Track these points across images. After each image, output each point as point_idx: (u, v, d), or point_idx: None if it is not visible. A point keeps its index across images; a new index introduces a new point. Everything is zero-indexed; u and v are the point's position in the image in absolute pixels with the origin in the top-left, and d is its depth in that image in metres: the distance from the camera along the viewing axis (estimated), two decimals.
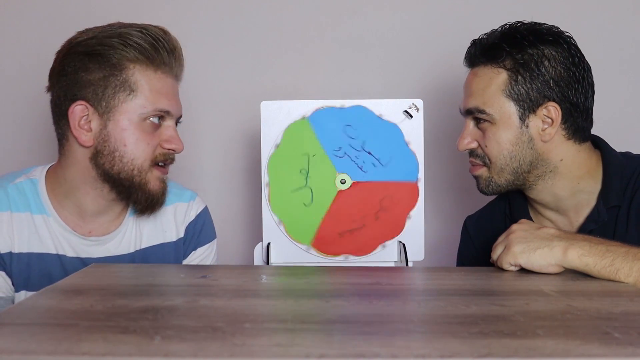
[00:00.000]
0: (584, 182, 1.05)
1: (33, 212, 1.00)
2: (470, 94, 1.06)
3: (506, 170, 1.04)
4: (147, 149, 0.98)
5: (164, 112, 0.99)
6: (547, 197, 1.07)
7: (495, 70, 1.03)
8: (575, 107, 1.02)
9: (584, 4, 1.48)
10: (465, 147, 1.07)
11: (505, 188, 1.07)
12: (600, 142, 1.08)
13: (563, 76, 1.01)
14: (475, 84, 1.05)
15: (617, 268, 0.83)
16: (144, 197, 1.00)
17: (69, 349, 0.52)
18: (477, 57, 1.06)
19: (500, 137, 1.03)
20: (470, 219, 1.23)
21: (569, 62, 1.01)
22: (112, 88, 0.96)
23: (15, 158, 1.46)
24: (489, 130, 1.04)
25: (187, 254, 1.13)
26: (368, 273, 0.90)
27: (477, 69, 1.06)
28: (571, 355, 0.52)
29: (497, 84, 1.02)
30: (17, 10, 1.48)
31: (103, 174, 0.98)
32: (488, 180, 1.06)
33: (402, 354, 0.51)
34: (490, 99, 1.03)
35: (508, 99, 1.02)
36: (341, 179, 1.03)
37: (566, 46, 1.02)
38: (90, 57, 0.95)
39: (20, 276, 1.00)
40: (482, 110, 1.03)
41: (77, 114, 0.96)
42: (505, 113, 1.02)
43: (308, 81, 1.49)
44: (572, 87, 1.01)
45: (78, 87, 0.96)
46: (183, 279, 0.86)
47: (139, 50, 0.96)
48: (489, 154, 1.04)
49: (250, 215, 1.51)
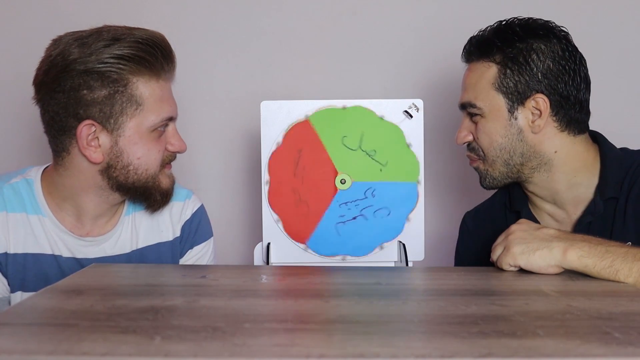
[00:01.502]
0: (580, 174, 1.06)
1: (29, 213, 1.00)
2: (465, 89, 1.09)
3: (498, 162, 1.07)
4: (158, 156, 1.00)
5: (169, 118, 1.00)
6: (545, 190, 1.08)
7: (486, 64, 1.06)
8: (566, 99, 1.04)
9: (585, 1, 1.48)
10: (462, 140, 1.10)
11: (501, 181, 1.09)
12: (599, 137, 1.10)
13: (552, 69, 1.03)
14: (469, 78, 1.09)
15: (617, 269, 0.83)
16: (159, 196, 1.02)
17: (69, 349, 0.52)
18: (472, 52, 1.09)
19: (490, 129, 1.06)
20: (469, 214, 1.24)
21: (558, 56, 1.03)
22: (119, 105, 0.95)
23: (15, 158, 1.47)
24: (480, 123, 1.07)
25: (183, 253, 1.13)
26: (368, 273, 0.90)
27: (471, 64, 1.09)
28: (571, 355, 0.52)
29: (487, 78, 1.05)
30: (16, 10, 1.48)
31: (116, 184, 0.99)
32: (484, 173, 1.10)
33: (402, 354, 0.51)
34: (481, 93, 1.06)
35: (497, 92, 1.05)
36: (341, 179, 1.03)
37: (556, 40, 1.04)
38: (91, 75, 0.93)
39: (16, 277, 1.00)
40: (473, 104, 1.07)
41: (84, 133, 0.95)
42: (495, 106, 1.05)
43: (308, 81, 1.49)
44: (561, 80, 1.03)
45: (82, 106, 0.94)
46: (183, 279, 0.86)
47: (140, 63, 0.95)
48: (481, 146, 1.07)
49: (250, 215, 1.51)
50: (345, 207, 1.03)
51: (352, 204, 1.03)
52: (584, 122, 1.07)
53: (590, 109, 1.08)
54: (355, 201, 1.03)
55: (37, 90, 0.98)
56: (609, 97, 1.45)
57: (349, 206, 1.03)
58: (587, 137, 1.08)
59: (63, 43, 0.95)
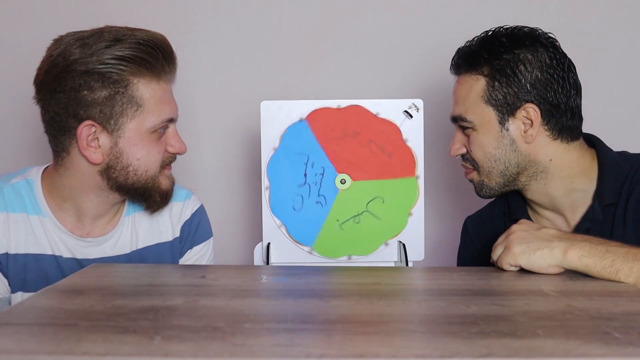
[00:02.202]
0: (577, 180, 1.05)
1: (29, 213, 1.00)
2: (455, 102, 1.10)
3: (493, 173, 1.07)
4: (158, 157, 1.00)
5: (169, 120, 1.00)
6: (542, 197, 1.08)
7: (475, 77, 1.06)
8: (557, 108, 1.03)
9: (581, 3, 1.48)
10: (456, 153, 1.11)
11: (499, 191, 1.09)
12: (595, 141, 1.09)
13: (540, 78, 1.03)
14: (458, 91, 1.09)
15: (617, 269, 0.83)
16: (159, 197, 1.02)
17: (69, 349, 0.52)
18: (460, 65, 1.09)
19: (482, 142, 1.06)
20: (470, 219, 1.23)
21: (546, 65, 1.03)
22: (119, 106, 0.95)
23: (15, 158, 1.47)
24: (472, 136, 1.07)
25: (183, 253, 1.13)
26: (368, 273, 0.90)
27: (460, 76, 1.10)
28: (571, 355, 0.52)
29: (476, 91, 1.06)
30: (16, 10, 1.48)
31: (115, 185, 0.99)
32: (480, 183, 1.09)
33: (402, 354, 0.51)
34: (471, 107, 1.06)
35: (487, 105, 1.05)
36: (341, 179, 1.03)
37: (543, 49, 1.04)
38: (92, 75, 0.93)
39: (17, 277, 1.00)
40: (464, 118, 1.07)
41: (84, 133, 0.95)
42: (485, 119, 1.05)
43: (308, 81, 1.49)
44: (550, 89, 1.03)
45: (82, 107, 0.94)
46: (183, 279, 0.86)
47: (141, 64, 0.95)
48: (475, 158, 1.08)
49: (250, 216, 1.51)
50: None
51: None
52: (576, 129, 1.06)
53: (583, 114, 1.07)
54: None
55: (37, 90, 0.98)
56: (606, 100, 1.45)
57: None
58: (581, 142, 1.07)
59: (64, 43, 0.95)
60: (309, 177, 1.03)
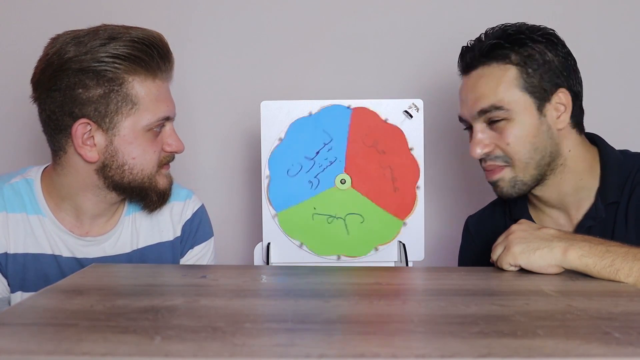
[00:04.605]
0: (585, 177, 1.06)
1: (29, 213, 1.00)
2: (480, 96, 1.04)
3: (531, 164, 1.03)
4: (154, 156, 1.00)
5: (165, 118, 1.00)
6: (554, 193, 1.07)
7: (503, 67, 1.03)
8: (577, 96, 1.05)
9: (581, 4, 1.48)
10: (483, 152, 1.05)
11: (531, 186, 1.06)
12: (598, 139, 1.09)
13: (565, 65, 1.04)
14: (484, 84, 1.04)
15: (617, 268, 0.83)
16: (156, 196, 1.02)
17: (69, 349, 0.52)
18: (477, 59, 1.05)
19: (521, 131, 1.02)
20: (472, 219, 1.23)
21: (563, 53, 1.05)
22: (114, 104, 0.95)
23: (15, 158, 1.47)
24: (507, 127, 1.03)
25: (183, 253, 1.13)
26: (368, 273, 0.90)
27: (480, 70, 1.05)
28: (571, 355, 0.52)
29: (508, 80, 1.03)
30: (16, 10, 1.48)
31: (112, 184, 0.99)
32: (513, 180, 1.05)
33: (402, 354, 0.51)
34: (506, 95, 1.02)
35: (523, 92, 1.03)
36: (342, 179, 1.03)
37: (555, 40, 1.05)
38: (86, 73, 0.94)
39: (16, 277, 1.00)
40: (500, 106, 1.02)
41: (79, 131, 0.95)
42: (523, 106, 1.03)
43: (308, 81, 1.49)
44: (572, 76, 1.05)
45: (77, 105, 0.95)
46: (183, 279, 0.86)
47: (136, 62, 0.95)
48: (511, 151, 1.03)
49: (249, 215, 1.51)
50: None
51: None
52: (582, 121, 1.08)
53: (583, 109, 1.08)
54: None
55: (34, 89, 0.98)
56: (607, 98, 1.45)
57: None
58: (585, 138, 1.08)
59: (60, 42, 0.96)
60: (320, 156, 1.03)
